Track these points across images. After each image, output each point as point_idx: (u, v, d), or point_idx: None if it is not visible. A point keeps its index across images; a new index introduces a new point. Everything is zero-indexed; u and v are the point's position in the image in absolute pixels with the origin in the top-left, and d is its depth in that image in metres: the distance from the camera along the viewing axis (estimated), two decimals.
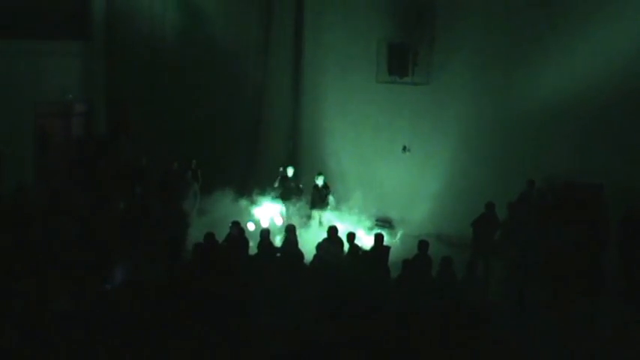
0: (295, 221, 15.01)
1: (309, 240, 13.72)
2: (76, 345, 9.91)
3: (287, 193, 16.58)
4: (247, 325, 10.56)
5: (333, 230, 12.89)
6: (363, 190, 17.02)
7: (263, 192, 16.81)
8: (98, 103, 20.49)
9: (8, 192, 15.67)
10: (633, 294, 13.16)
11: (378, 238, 12.70)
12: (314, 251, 12.55)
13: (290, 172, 16.84)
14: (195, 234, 13.85)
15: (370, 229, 16.09)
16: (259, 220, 16.08)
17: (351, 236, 12.75)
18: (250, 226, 15.62)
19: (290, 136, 18.81)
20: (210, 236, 12.41)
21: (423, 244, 12.16)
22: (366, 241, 14.43)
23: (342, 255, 12.45)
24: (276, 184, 16.80)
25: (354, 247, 12.60)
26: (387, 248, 12.86)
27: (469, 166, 16.25)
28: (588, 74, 14.63)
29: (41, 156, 18.88)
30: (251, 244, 13.49)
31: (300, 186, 16.84)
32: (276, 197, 16.68)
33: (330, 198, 16.48)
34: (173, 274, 11.38)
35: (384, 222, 16.92)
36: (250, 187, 17.27)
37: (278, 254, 12.79)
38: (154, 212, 14.88)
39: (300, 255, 12.66)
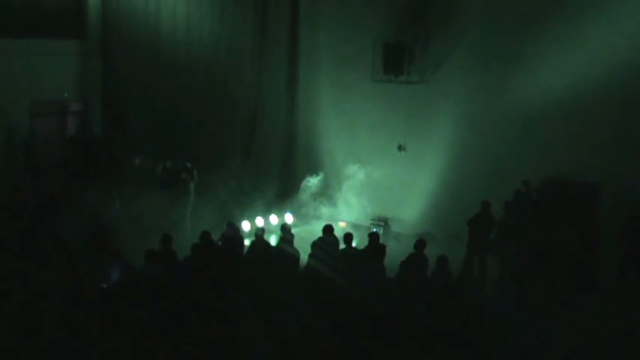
0: None
1: (305, 238, 13.74)
2: (72, 344, 9.91)
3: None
4: (240, 326, 10.55)
5: (328, 228, 12.89)
6: (358, 189, 17.08)
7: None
8: (93, 102, 20.49)
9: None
10: (629, 292, 13.19)
11: (372, 237, 12.68)
12: (309, 249, 12.56)
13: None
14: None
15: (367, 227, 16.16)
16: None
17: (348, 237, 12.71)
18: (245, 225, 15.68)
19: (286, 135, 18.80)
20: (205, 235, 12.40)
21: (420, 243, 12.16)
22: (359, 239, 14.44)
23: (338, 254, 12.45)
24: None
25: (350, 247, 12.61)
26: (383, 247, 12.86)
27: (464, 164, 16.23)
28: (584, 73, 14.56)
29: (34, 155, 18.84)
30: (246, 242, 13.52)
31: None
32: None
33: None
34: (168, 272, 11.36)
35: (380, 221, 16.94)
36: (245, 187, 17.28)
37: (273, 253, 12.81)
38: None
39: (295, 254, 12.68)
